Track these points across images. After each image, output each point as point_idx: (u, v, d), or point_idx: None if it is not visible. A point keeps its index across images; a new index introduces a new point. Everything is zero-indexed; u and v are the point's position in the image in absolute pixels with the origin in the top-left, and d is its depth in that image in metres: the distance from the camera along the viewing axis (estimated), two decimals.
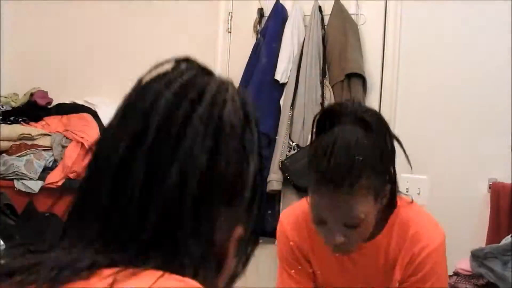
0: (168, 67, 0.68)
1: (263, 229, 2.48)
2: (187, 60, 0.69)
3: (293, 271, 1.41)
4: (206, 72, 0.69)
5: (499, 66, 2.57)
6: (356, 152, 1.13)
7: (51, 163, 2.71)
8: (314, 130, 1.23)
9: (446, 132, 2.67)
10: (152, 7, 3.13)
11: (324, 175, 1.14)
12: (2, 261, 0.61)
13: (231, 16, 2.98)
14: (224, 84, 0.67)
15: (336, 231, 1.18)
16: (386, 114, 2.69)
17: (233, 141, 0.64)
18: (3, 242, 1.91)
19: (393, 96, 2.73)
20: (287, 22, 2.79)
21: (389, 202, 1.26)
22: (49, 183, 2.63)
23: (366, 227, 1.20)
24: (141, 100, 0.65)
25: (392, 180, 1.24)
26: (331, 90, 2.66)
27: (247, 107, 0.68)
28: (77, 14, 3.26)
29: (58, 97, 3.10)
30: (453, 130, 2.66)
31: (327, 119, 1.20)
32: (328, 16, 2.75)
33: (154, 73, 0.68)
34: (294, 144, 2.66)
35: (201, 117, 0.62)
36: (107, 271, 0.57)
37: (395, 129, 2.70)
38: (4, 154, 2.72)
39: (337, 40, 2.69)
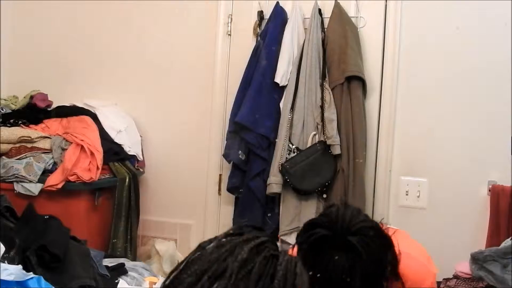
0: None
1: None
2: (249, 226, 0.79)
3: None
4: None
5: (499, 68, 2.57)
6: (350, 279, 1.16)
7: (51, 166, 2.70)
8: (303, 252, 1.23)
9: (445, 135, 2.67)
10: (152, 10, 3.13)
11: None
12: None
13: (231, 19, 2.98)
14: (288, 255, 0.75)
15: None
16: (385, 117, 2.72)
17: None
18: (3, 245, 1.91)
19: (393, 99, 2.73)
20: (287, 24, 2.79)
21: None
22: (49, 186, 2.63)
23: None
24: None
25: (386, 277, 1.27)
26: (330, 92, 2.66)
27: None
28: (77, 17, 3.26)
29: (57, 100, 3.10)
30: (452, 132, 2.66)
31: (317, 242, 1.22)
32: (328, 18, 2.75)
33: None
34: (294, 146, 2.66)
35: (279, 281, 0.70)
36: None
37: (395, 132, 2.74)
38: (3, 157, 2.71)
39: (337, 42, 2.69)
